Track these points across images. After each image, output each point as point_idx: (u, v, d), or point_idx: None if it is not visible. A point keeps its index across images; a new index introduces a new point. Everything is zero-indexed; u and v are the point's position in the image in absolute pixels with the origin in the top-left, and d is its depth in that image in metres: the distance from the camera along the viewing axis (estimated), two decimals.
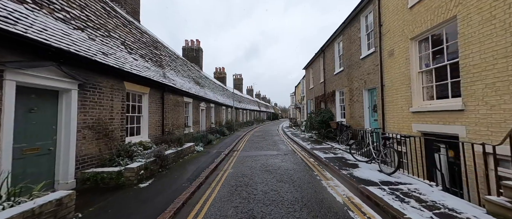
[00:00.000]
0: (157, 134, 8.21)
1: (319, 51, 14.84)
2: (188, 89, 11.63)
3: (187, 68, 13.37)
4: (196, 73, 15.56)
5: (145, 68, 7.62)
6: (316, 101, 16.27)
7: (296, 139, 13.12)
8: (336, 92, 12.11)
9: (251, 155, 8.79)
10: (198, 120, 13.52)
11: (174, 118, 9.90)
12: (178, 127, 10.33)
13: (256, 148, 10.64)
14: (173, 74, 10.57)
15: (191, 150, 8.61)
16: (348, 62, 10.29)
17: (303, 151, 9.61)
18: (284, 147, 10.78)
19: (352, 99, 9.98)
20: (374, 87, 8.23)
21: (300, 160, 7.74)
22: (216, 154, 8.68)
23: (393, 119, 6.80)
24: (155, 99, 8.17)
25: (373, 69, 8.12)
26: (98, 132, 5.27)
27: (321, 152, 8.48)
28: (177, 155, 7.19)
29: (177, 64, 11.61)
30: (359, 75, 9.19)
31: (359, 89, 9.26)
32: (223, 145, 11.33)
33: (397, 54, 6.60)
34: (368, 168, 5.87)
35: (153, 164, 5.62)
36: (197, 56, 19.71)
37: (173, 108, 9.78)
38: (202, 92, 14.43)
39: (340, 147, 9.22)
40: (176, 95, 10.12)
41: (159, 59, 9.48)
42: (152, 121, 7.88)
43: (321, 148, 9.42)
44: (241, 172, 6.18)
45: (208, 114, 16.08)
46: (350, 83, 10.11)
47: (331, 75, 12.89)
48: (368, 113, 8.81)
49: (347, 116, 10.56)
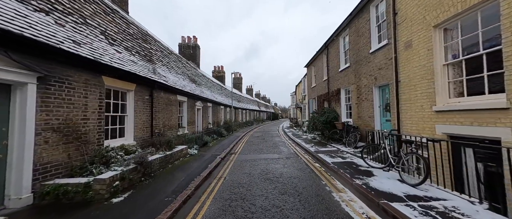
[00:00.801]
0: (145, 136, 7.37)
1: (322, 47, 14.01)
2: (182, 87, 10.80)
3: (181, 65, 12.53)
4: (192, 71, 14.73)
5: (131, 62, 6.79)
6: (318, 100, 15.44)
7: (298, 141, 12.29)
8: (341, 90, 11.28)
9: (250, 159, 7.95)
10: (193, 120, 12.69)
11: (166, 118, 9.07)
12: (171, 128, 9.50)
13: (255, 151, 9.81)
14: (165, 70, 9.73)
15: (183, 154, 7.78)
16: (356, 57, 9.46)
17: (307, 154, 8.77)
18: (286, 150, 9.95)
19: (360, 98, 9.15)
20: (386, 84, 7.40)
21: (304, 165, 6.91)
22: (211, 158, 7.84)
23: (410, 120, 5.97)
24: (142, 97, 7.33)
25: (385, 64, 7.29)
26: (67, 135, 4.43)
27: (327, 156, 7.65)
28: (165, 160, 6.35)
29: (170, 60, 10.78)
30: (369, 71, 8.36)
31: (368, 86, 8.43)
32: (220, 147, 10.49)
33: (416, 45, 5.77)
34: (386, 176, 5.03)
35: (133, 173, 4.78)
36: (194, 53, 18.88)
37: (164, 107, 8.95)
38: (198, 91, 13.61)
39: (348, 150, 8.39)
40: (168, 93, 9.28)
41: (149, 54, 8.65)
42: (138, 122, 7.04)
43: (327, 151, 8.58)
44: (237, 181, 5.34)
45: (205, 114, 15.25)
46: (358, 80, 9.28)
47: (335, 72, 12.06)
48: (379, 113, 7.98)
49: (354, 116, 9.73)
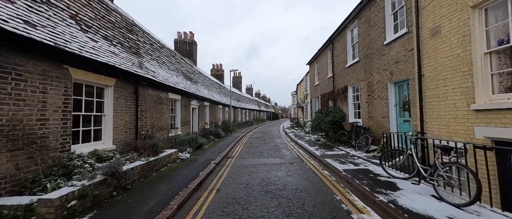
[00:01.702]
0: (128, 139, 6.43)
1: (327, 42, 13.06)
2: (175, 84, 9.86)
3: (175, 60, 11.59)
4: (188, 67, 13.79)
5: (110, 53, 5.85)
6: (322, 99, 14.50)
7: (301, 143, 11.35)
8: (349, 87, 10.33)
9: (248, 165, 7.01)
10: (188, 120, 11.75)
11: (155, 118, 8.12)
12: (161, 129, 8.55)
13: (255, 154, 8.86)
14: (154, 65, 8.79)
15: (172, 159, 6.83)
16: (366, 50, 8.51)
17: (312, 158, 7.83)
18: (288, 153, 9.00)
19: (371, 96, 8.20)
20: (405, 79, 6.46)
21: (311, 172, 5.96)
22: (204, 164, 6.90)
23: (438, 120, 5.02)
24: (125, 94, 6.39)
25: (404, 56, 6.35)
26: (13, 140, 3.49)
27: (336, 162, 6.70)
28: (148, 168, 5.40)
29: (161, 55, 9.84)
30: (382, 65, 7.41)
31: (382, 82, 7.49)
32: (216, 150, 9.54)
33: (446, 31, 4.82)
34: (416, 191, 4.08)
35: (101, 187, 3.84)
36: (191, 49, 17.94)
37: (153, 106, 8.00)
38: (193, 89, 12.66)
39: (359, 155, 7.44)
40: (158, 90, 8.34)
41: (135, 46, 7.71)
42: (119, 122, 6.10)
43: (335, 156, 7.63)
44: (232, 195, 4.40)
45: (202, 114, 14.30)
46: (369, 76, 8.33)
47: (342, 68, 11.11)
48: (395, 112, 7.03)
49: (364, 116, 8.78)
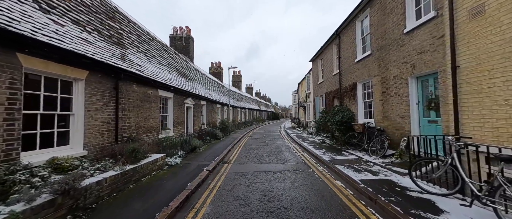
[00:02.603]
0: (106, 143, 5.45)
1: (333, 36, 12.08)
2: (167, 80, 8.89)
3: (168, 54, 10.62)
4: (183, 63, 12.82)
5: (80, 41, 4.88)
6: (327, 98, 13.52)
7: (305, 145, 10.38)
8: (358, 84, 9.36)
9: (247, 172, 6.04)
10: (182, 120, 10.78)
11: (141, 118, 7.16)
12: (149, 130, 7.59)
13: (255, 159, 7.89)
14: (142, 58, 7.82)
15: (157, 166, 5.86)
16: (381, 42, 7.54)
17: (320, 164, 6.86)
18: (292, 157, 8.03)
19: (386, 93, 7.23)
20: (431, 72, 5.49)
21: (322, 183, 4.99)
22: (196, 171, 5.94)
23: (481, 122, 4.05)
24: (102, 90, 5.42)
25: (430, 45, 5.37)
26: None
27: (349, 169, 5.73)
28: (122, 180, 4.42)
29: (150, 47, 8.86)
30: (401, 58, 6.44)
31: (400, 77, 6.51)
32: (211, 154, 8.58)
33: (493, 9, 3.85)
34: (466, 215, 3.11)
35: (47, 210, 2.86)
36: (187, 45, 16.97)
37: (139, 104, 7.04)
38: (188, 86, 11.70)
39: (374, 160, 6.47)
40: (145, 86, 7.37)
41: (118, 35, 6.73)
42: (93, 123, 5.13)
43: (346, 161, 6.66)
44: (224, 217, 3.43)
45: (198, 113, 13.34)
46: (384, 70, 7.36)
47: (350, 63, 10.13)
48: (417, 112, 6.06)
49: (378, 116, 7.80)
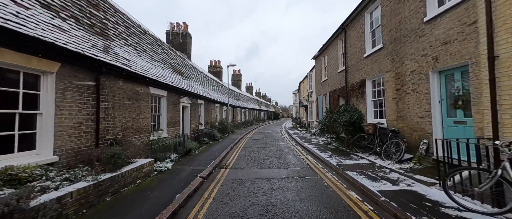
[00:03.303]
0: (83, 147, 4.73)
1: (338, 31, 11.34)
2: (159, 77, 8.18)
3: (161, 50, 9.90)
4: (179, 60, 12.10)
5: (51, 27, 4.16)
6: (331, 97, 12.79)
7: (309, 147, 9.66)
8: (367, 82, 8.62)
9: (246, 180, 5.32)
10: (177, 120, 10.07)
11: (129, 118, 6.44)
12: (138, 132, 6.87)
13: (255, 163, 7.17)
14: (131, 52, 7.09)
15: (144, 173, 5.13)
16: (395, 34, 6.80)
17: (328, 169, 6.13)
18: (296, 161, 7.31)
19: (401, 90, 6.49)
20: (459, 65, 4.76)
21: (333, 195, 4.26)
22: (188, 178, 5.22)
23: None
24: (78, 86, 4.70)
25: (458, 34, 4.64)
26: None
27: (363, 176, 5.01)
28: (95, 192, 3.68)
29: (141, 41, 8.13)
30: (421, 50, 5.71)
31: (419, 72, 5.78)
32: (207, 157, 7.86)
33: None
34: None
35: None
36: (184, 42, 16.24)
37: (126, 103, 6.32)
38: (184, 84, 10.98)
39: (389, 166, 5.73)
40: (133, 83, 6.66)
41: (101, 25, 6.01)
42: (68, 124, 4.41)
43: (357, 167, 5.93)
44: None
45: (195, 113, 12.63)
46: (398, 65, 6.63)
47: (357, 59, 9.40)
48: (440, 111, 5.33)
49: (391, 115, 7.07)
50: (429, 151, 5.45)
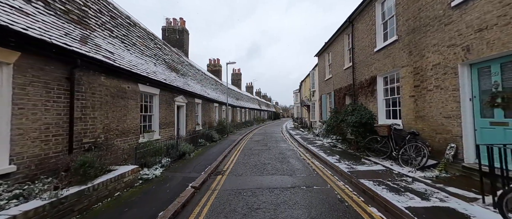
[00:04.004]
0: (52, 153, 3.99)
1: (344, 25, 10.58)
2: (151, 73, 7.44)
3: (154, 44, 9.15)
4: (174, 57, 11.35)
5: (7, 8, 3.42)
6: (337, 96, 12.03)
7: (313, 149, 8.90)
8: (378, 78, 7.87)
9: (245, 190, 4.57)
10: (171, 121, 9.33)
11: (113, 119, 5.70)
12: (124, 134, 6.13)
13: (255, 168, 6.42)
14: (116, 44, 6.35)
15: (125, 183, 4.38)
16: (412, 23, 6.05)
17: (338, 176, 5.37)
18: (301, 166, 6.55)
19: (421, 87, 5.74)
20: (498, 56, 4.01)
21: (351, 213, 3.49)
22: (177, 188, 4.48)
23: None
24: (45, 80, 3.96)
25: (498, 18, 3.89)
26: None
27: (381, 186, 4.25)
28: (53, 214, 2.92)
29: (130, 33, 7.39)
30: (447, 40, 4.95)
31: (444, 65, 5.02)
32: (203, 161, 7.11)
33: None
34: None
35: None
36: (181, 38, 15.51)
37: (110, 101, 5.58)
38: (180, 82, 10.24)
39: (410, 174, 4.97)
40: (119, 79, 5.92)
41: (80, 12, 5.26)
42: (31, 126, 3.67)
43: (371, 174, 5.17)
44: None
45: (191, 113, 11.88)
46: (417, 58, 5.88)
47: (367, 54, 8.64)
48: (471, 110, 4.57)
49: (407, 115, 6.31)
50: (457, 157, 4.69)
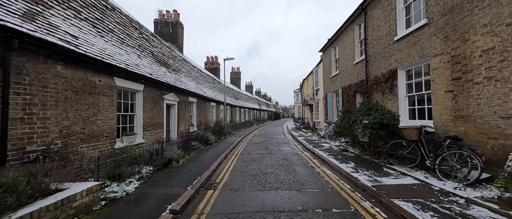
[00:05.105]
0: None
1: (355, 14, 9.42)
2: (132, 66, 6.28)
3: (139, 34, 7.96)
4: (164, 50, 10.17)
5: None
6: (346, 93, 10.87)
7: (321, 154, 7.74)
8: (399, 72, 6.71)
9: (242, 213, 3.40)
10: (160, 121, 8.16)
11: (77, 119, 4.53)
12: (93, 138, 4.95)
13: (255, 179, 5.25)
14: (84, 28, 5.16)
15: (74, 210, 3.15)
16: (450, 1, 4.88)
17: (360, 193, 4.20)
18: (310, 177, 5.38)
19: (463, 79, 4.58)
20: None
21: None
22: (148, 216, 3.30)
23: None
24: None
25: None
26: None
27: (427, 212, 3.09)
28: None
29: (106, 17, 6.19)
30: (506, 17, 3.80)
31: (501, 50, 3.86)
32: (192, 170, 5.94)
33: None
34: None
35: None
36: (175, 32, 14.32)
37: (71, 96, 4.42)
38: (170, 78, 9.08)
39: (457, 191, 3.80)
40: (85, 70, 4.76)
41: None
42: None
43: (405, 190, 4.01)
44: None
45: (185, 113, 10.72)
46: (457, 44, 4.72)
47: (384, 44, 7.49)
48: None
49: (442, 115, 5.14)
50: None
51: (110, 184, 4.24)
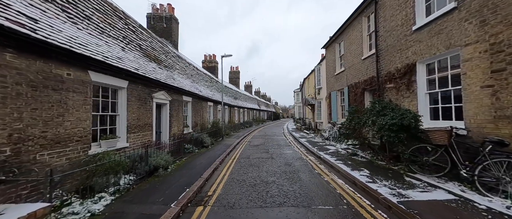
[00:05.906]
0: None
1: (364, 4, 8.59)
2: (112, 58, 5.43)
3: (124, 25, 7.10)
4: (155, 44, 9.32)
5: None
6: (352, 92, 10.04)
7: (328, 159, 6.90)
8: (419, 66, 5.89)
9: None
10: (148, 122, 7.31)
11: (34, 121, 3.68)
12: (60, 143, 4.10)
13: (253, 191, 4.40)
14: (50, 12, 4.32)
15: None
16: None
17: (384, 212, 3.36)
18: (319, 188, 4.54)
19: (508, 71, 3.75)
20: None
21: None
22: None
23: None
24: None
25: None
26: None
27: None
28: None
29: (82, 2, 5.35)
30: None
31: None
32: (182, 180, 5.09)
33: None
34: None
35: None
36: (169, 27, 13.46)
37: (28, 92, 3.57)
38: (161, 74, 8.23)
39: (510, 212, 3.00)
40: (49, 60, 3.92)
41: None
42: None
43: (442, 210, 3.17)
44: None
45: (178, 113, 9.86)
46: (498, 29, 3.91)
47: (400, 36, 6.67)
48: None
49: (478, 115, 4.30)
50: None
51: (71, 203, 3.38)
